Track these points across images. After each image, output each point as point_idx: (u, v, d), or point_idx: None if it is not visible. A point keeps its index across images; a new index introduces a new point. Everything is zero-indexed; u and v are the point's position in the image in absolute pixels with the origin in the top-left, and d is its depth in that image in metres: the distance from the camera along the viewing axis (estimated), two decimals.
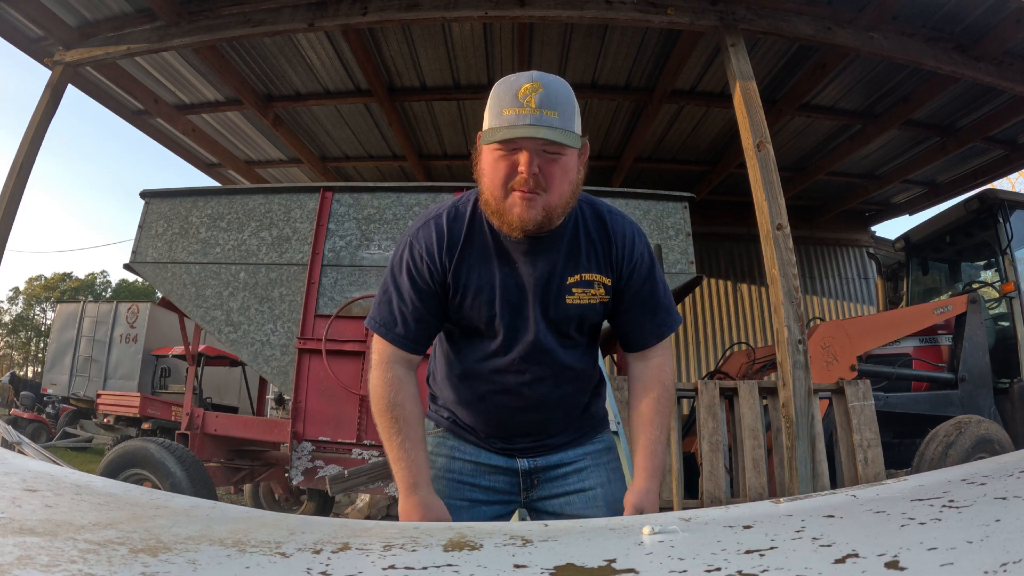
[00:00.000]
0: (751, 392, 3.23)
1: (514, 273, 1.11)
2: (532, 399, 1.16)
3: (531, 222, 1.02)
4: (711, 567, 0.51)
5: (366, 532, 0.70)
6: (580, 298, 1.12)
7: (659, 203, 3.55)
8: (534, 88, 0.98)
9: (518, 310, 1.11)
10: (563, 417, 1.21)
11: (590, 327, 1.20)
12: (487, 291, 1.10)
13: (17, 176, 4.29)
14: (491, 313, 1.11)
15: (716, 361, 6.99)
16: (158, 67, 5.29)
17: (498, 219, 1.06)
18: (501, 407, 1.18)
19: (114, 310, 11.43)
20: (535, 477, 1.21)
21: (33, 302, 42.37)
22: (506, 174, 1.01)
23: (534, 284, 1.11)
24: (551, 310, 1.12)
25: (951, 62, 4.31)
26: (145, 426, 8.34)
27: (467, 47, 4.92)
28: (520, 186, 1.00)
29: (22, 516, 0.62)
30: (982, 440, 3.42)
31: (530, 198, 1.01)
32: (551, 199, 1.02)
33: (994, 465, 0.75)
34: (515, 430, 1.20)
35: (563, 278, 1.11)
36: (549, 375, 1.16)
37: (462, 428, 1.23)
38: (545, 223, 1.05)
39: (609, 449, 1.27)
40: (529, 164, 0.99)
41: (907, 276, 5.48)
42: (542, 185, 1.01)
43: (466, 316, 1.13)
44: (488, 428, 1.21)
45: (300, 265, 3.52)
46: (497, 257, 1.11)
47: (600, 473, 1.22)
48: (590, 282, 1.12)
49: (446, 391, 1.24)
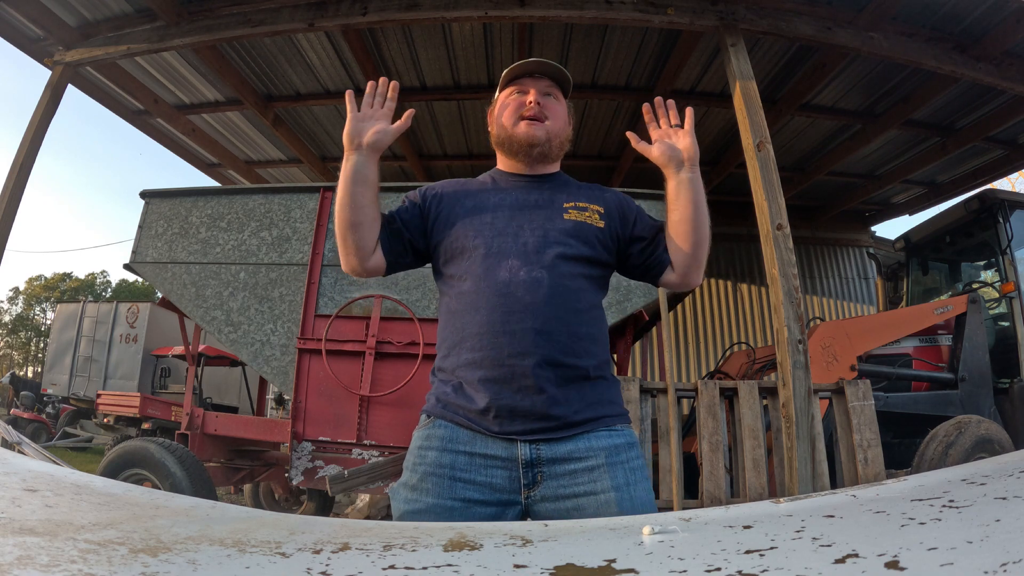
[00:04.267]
0: (751, 392, 3.23)
1: (508, 196, 1.26)
2: (527, 300, 1.10)
3: (537, 140, 1.25)
4: (711, 567, 0.51)
5: (366, 532, 0.70)
6: (576, 216, 1.23)
7: (659, 203, 3.53)
8: (538, 59, 1.31)
9: (511, 219, 1.21)
10: (564, 342, 1.10)
11: (588, 248, 1.20)
12: (480, 207, 1.24)
13: (17, 176, 4.29)
14: (484, 221, 1.21)
15: (716, 361, 6.99)
16: (158, 67, 5.29)
17: (508, 145, 1.29)
18: (496, 315, 1.10)
19: (114, 310, 11.44)
20: (538, 472, 1.06)
21: (33, 302, 42.37)
22: (516, 107, 1.28)
23: (528, 204, 1.24)
24: (546, 223, 1.21)
25: (951, 62, 4.31)
26: (145, 426, 8.34)
27: (467, 47, 4.92)
28: (528, 112, 1.26)
29: (22, 516, 0.62)
30: (982, 440, 3.42)
31: (536, 123, 1.26)
32: (552, 126, 1.27)
33: (994, 465, 0.75)
34: (514, 348, 1.08)
35: (557, 202, 1.25)
36: (544, 277, 1.12)
37: (456, 401, 1.12)
38: (547, 147, 1.27)
39: (630, 445, 1.12)
40: (536, 94, 1.27)
41: (907, 276, 5.48)
42: (546, 114, 1.27)
43: (459, 229, 1.22)
44: (485, 359, 1.09)
45: (300, 265, 3.52)
46: (494, 189, 1.29)
47: (616, 474, 1.06)
48: (583, 207, 1.25)
49: (445, 343, 1.19)
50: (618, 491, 1.05)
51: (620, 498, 1.05)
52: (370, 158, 1.19)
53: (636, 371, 6.23)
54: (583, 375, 1.12)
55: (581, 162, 6.61)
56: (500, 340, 1.09)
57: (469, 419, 1.11)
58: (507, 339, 1.09)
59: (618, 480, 1.06)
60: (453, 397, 1.13)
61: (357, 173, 1.18)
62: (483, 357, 1.10)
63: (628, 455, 1.11)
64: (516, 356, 1.08)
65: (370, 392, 3.22)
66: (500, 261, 1.15)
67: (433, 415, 1.16)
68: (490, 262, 1.16)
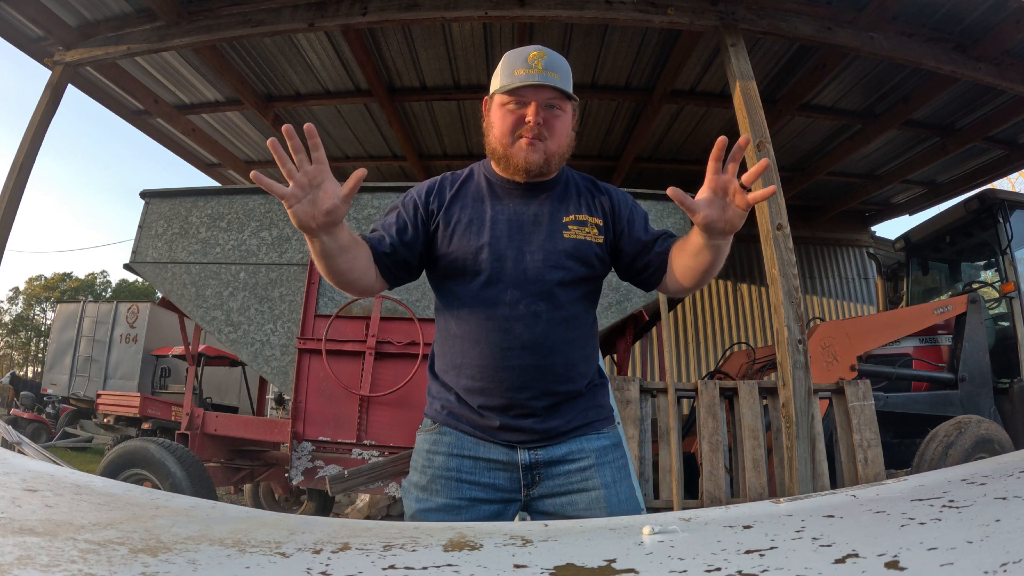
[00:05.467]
0: (751, 392, 3.23)
1: (506, 210, 1.21)
2: (525, 338, 1.14)
3: (535, 164, 1.17)
4: (711, 567, 0.51)
5: (366, 532, 0.70)
6: (576, 233, 1.20)
7: (659, 203, 3.55)
8: (540, 55, 1.17)
9: (510, 239, 1.18)
10: (561, 372, 1.16)
11: (587, 268, 1.20)
12: (477, 223, 1.20)
13: (17, 176, 4.29)
14: (481, 242, 1.18)
15: (716, 361, 6.99)
16: (158, 67, 5.29)
17: (504, 163, 1.20)
18: (495, 350, 1.14)
19: (114, 310, 11.44)
20: (536, 473, 1.16)
21: (33, 302, 42.37)
22: (514, 123, 1.17)
23: (526, 220, 1.20)
24: (547, 242, 1.18)
25: (951, 62, 4.31)
26: (145, 426, 8.34)
27: (467, 47, 4.92)
28: (527, 132, 1.16)
29: (22, 516, 0.62)
30: (982, 440, 3.42)
31: (535, 144, 1.16)
32: (551, 146, 1.18)
33: (994, 465, 0.75)
34: (512, 382, 1.14)
35: (557, 217, 1.21)
36: (543, 310, 1.15)
37: (459, 411, 1.19)
38: (545, 168, 1.19)
39: (616, 446, 1.23)
40: (536, 114, 1.15)
41: (907, 276, 5.48)
42: (545, 134, 1.17)
43: (457, 249, 1.19)
44: (484, 388, 1.15)
45: (300, 265, 3.52)
46: (490, 199, 1.23)
47: (605, 473, 1.17)
48: (583, 221, 1.22)
49: (443, 357, 1.23)
50: (607, 488, 1.16)
51: (608, 495, 1.16)
52: (333, 232, 1.02)
53: (636, 371, 6.23)
54: (576, 394, 1.21)
55: (581, 162, 6.61)
56: (500, 375, 1.15)
57: (473, 427, 1.19)
58: (506, 374, 1.15)
59: (606, 479, 1.17)
60: (457, 407, 1.20)
61: (327, 250, 1.04)
62: (483, 387, 1.17)
63: (614, 455, 1.21)
64: (514, 389, 1.15)
65: (370, 392, 3.22)
66: (500, 293, 1.16)
67: (439, 422, 1.22)
68: (490, 293, 1.16)
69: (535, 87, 1.14)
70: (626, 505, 1.16)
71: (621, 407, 3.06)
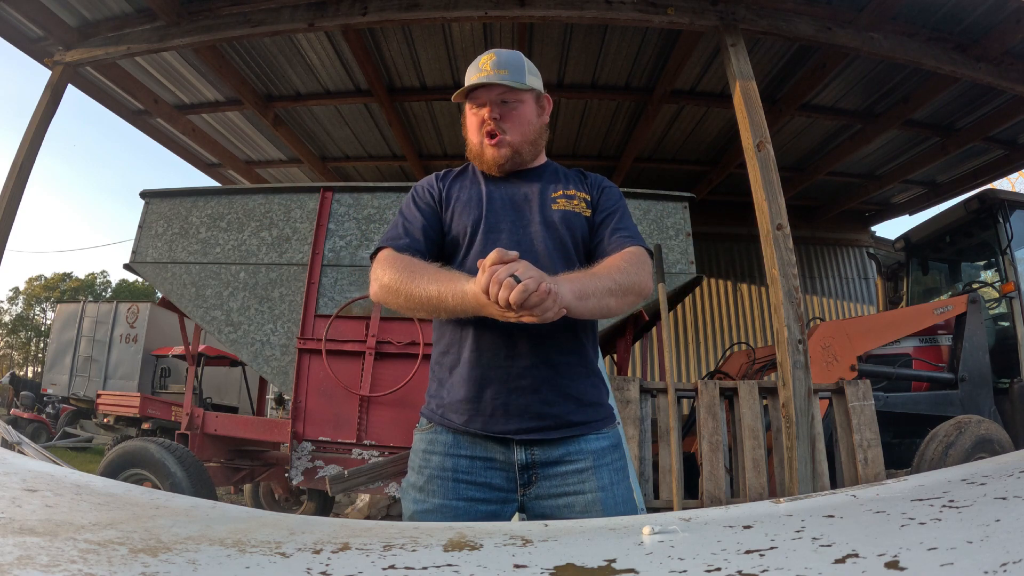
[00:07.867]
0: (751, 392, 3.23)
1: (499, 189, 1.28)
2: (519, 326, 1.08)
3: (502, 158, 1.25)
4: (711, 567, 0.51)
5: (366, 532, 0.70)
6: (564, 205, 1.25)
7: (659, 203, 3.55)
8: (489, 58, 1.26)
9: (504, 213, 1.24)
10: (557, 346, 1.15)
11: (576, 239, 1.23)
12: (476, 199, 1.26)
13: (17, 176, 4.30)
14: (477, 215, 1.23)
15: (716, 361, 7.00)
16: (158, 67, 5.29)
17: (479, 163, 1.30)
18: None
19: (114, 310, 11.45)
20: (533, 473, 1.15)
21: (33, 302, 42.37)
22: (477, 124, 1.27)
23: (519, 198, 1.26)
24: (537, 214, 1.23)
25: (951, 62, 4.31)
26: (145, 426, 8.35)
27: (467, 47, 4.92)
28: (486, 130, 1.25)
29: (22, 516, 0.62)
30: (982, 440, 3.42)
31: (496, 140, 1.25)
32: (513, 139, 1.25)
33: (994, 465, 0.75)
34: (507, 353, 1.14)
35: (546, 193, 1.27)
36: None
37: (456, 411, 1.17)
38: (516, 159, 1.27)
39: (615, 447, 1.21)
40: (490, 111, 1.24)
41: (907, 276, 5.49)
42: (503, 128, 1.25)
43: (456, 224, 1.24)
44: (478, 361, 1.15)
45: (300, 265, 3.52)
46: (485, 182, 1.30)
47: (603, 475, 1.16)
48: (571, 195, 1.27)
49: (438, 344, 1.24)
50: (604, 491, 1.15)
51: (605, 497, 1.15)
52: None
53: (636, 371, 6.23)
54: (573, 367, 1.20)
55: (581, 162, 6.61)
56: (493, 351, 1.16)
57: (466, 418, 1.18)
58: (500, 349, 1.16)
59: (604, 481, 1.16)
60: (447, 399, 1.20)
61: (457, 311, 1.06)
62: (476, 359, 1.17)
63: (613, 456, 1.20)
64: (508, 362, 1.15)
65: (370, 392, 3.22)
66: None
67: (434, 421, 1.22)
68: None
69: (485, 87, 1.23)
70: (623, 507, 1.15)
71: (621, 407, 3.06)
